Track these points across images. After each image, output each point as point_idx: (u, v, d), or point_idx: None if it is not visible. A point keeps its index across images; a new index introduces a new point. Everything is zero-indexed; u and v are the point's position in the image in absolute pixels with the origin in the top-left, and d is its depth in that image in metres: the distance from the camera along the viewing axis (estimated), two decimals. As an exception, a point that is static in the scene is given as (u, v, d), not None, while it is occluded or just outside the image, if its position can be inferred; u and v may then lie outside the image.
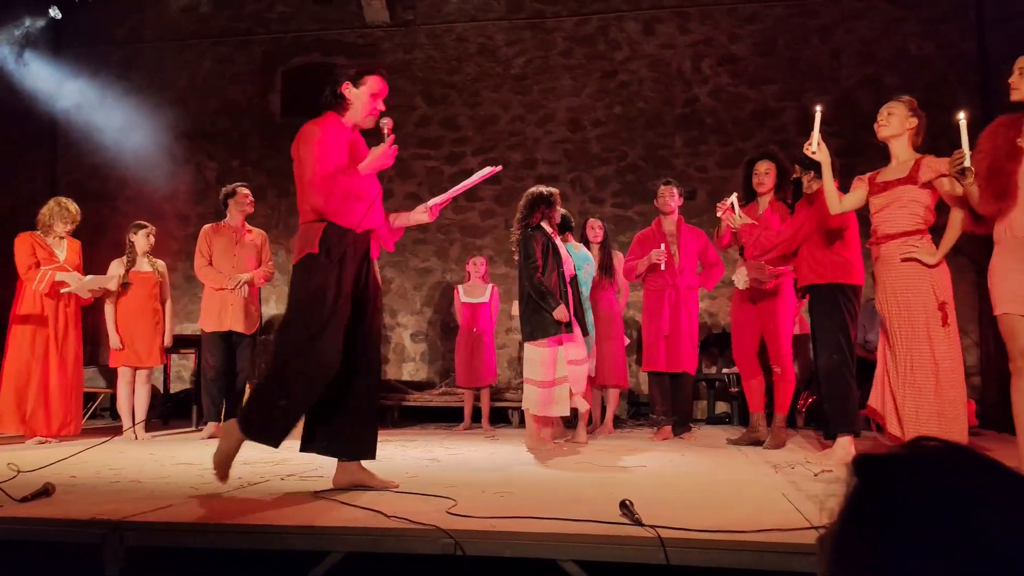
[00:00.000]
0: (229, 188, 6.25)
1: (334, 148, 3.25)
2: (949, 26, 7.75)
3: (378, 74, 3.43)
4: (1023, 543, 0.55)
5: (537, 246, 4.99)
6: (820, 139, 3.86)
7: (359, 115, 3.41)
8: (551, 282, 4.94)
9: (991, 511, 0.57)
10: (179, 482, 3.52)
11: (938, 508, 0.58)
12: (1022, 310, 3.14)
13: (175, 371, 8.40)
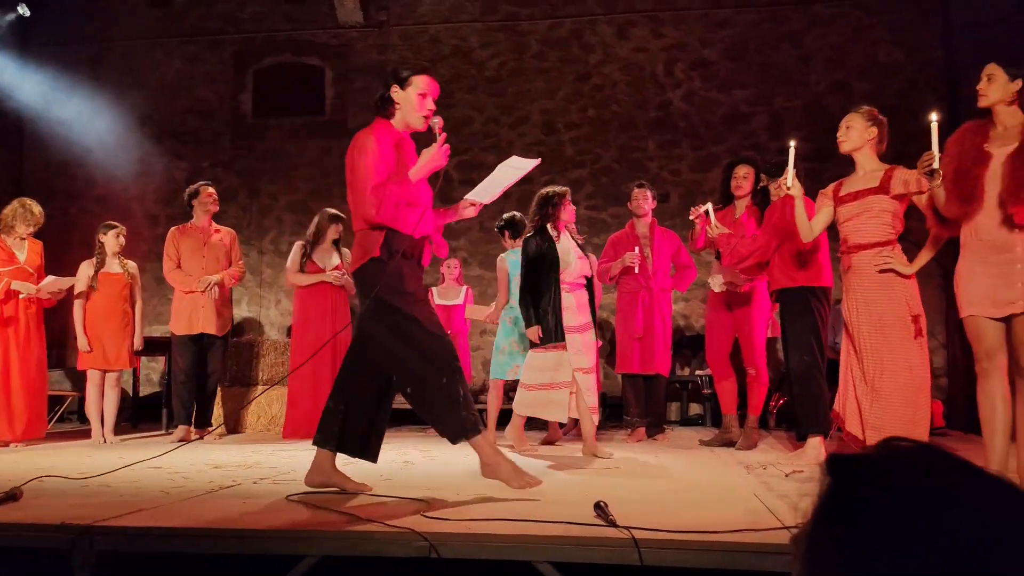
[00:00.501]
0: (192, 188, 6.17)
1: (385, 157, 3.24)
2: (917, 33, 7.88)
3: (426, 73, 3.39)
4: (994, 541, 0.57)
5: (530, 255, 4.87)
6: (794, 175, 3.90)
7: (410, 117, 3.37)
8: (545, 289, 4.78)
9: (963, 510, 0.59)
10: (150, 486, 3.48)
11: (910, 507, 0.59)
12: (987, 312, 3.20)
13: (145, 374, 8.30)
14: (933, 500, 0.59)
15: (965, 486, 0.61)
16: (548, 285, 4.78)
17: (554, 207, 4.91)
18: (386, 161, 3.22)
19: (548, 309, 4.74)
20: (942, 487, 0.60)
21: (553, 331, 4.72)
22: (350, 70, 8.74)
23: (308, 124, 8.77)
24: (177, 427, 5.92)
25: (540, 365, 4.79)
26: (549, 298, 4.76)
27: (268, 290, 8.66)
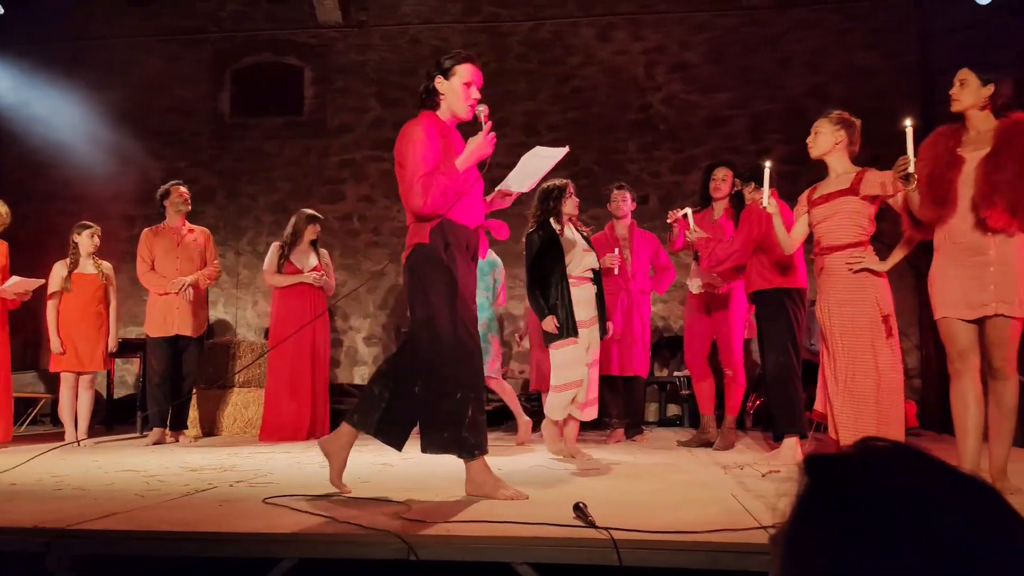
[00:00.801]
0: (163, 188, 6.10)
1: (432, 147, 3.22)
2: (893, 37, 7.96)
3: (468, 62, 3.36)
4: (970, 539, 0.57)
5: (534, 250, 4.78)
6: (771, 194, 3.97)
7: (455, 107, 3.35)
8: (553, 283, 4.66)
9: (939, 509, 0.59)
10: (125, 489, 3.44)
11: (888, 506, 0.60)
12: (960, 314, 3.24)
13: (119, 376, 8.21)
14: (910, 499, 0.60)
15: (941, 485, 0.61)
16: (556, 278, 4.66)
17: (555, 200, 4.85)
18: (433, 151, 3.20)
19: (558, 303, 4.61)
20: (919, 486, 0.61)
21: (565, 325, 4.60)
22: (330, 70, 8.70)
23: (287, 124, 8.72)
24: (152, 429, 5.85)
25: (562, 362, 4.64)
26: (558, 292, 4.64)
27: (245, 291, 8.60)
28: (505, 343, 8.18)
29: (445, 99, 3.34)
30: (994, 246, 3.15)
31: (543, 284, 4.67)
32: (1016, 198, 3.03)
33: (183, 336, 5.90)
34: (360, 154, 8.60)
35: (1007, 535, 0.59)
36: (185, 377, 5.99)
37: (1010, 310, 3.12)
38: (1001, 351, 3.17)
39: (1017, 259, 3.13)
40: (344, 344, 8.42)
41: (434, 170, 3.16)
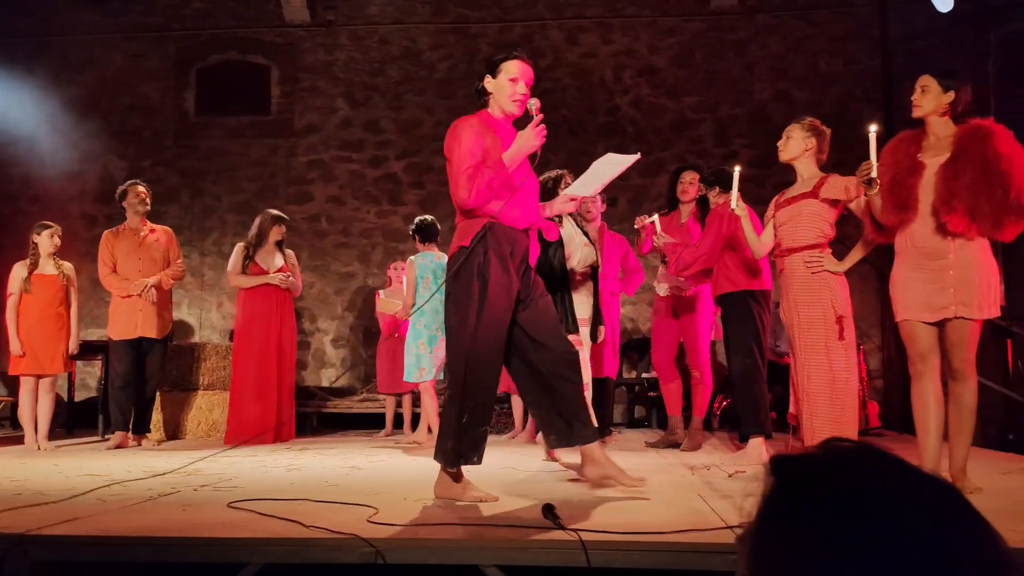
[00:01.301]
0: (121, 189, 5.99)
1: (477, 142, 3.22)
2: (856, 44, 8.10)
3: (514, 58, 3.34)
4: (934, 540, 0.58)
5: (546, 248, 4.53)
6: (739, 197, 4.04)
7: (504, 103, 3.33)
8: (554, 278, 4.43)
9: (903, 509, 0.60)
10: (86, 494, 3.37)
11: (852, 507, 0.61)
12: (921, 316, 3.30)
13: (80, 378, 8.06)
14: (874, 500, 0.61)
15: (905, 486, 0.62)
16: (557, 274, 4.48)
17: (550, 192, 4.50)
18: (479, 146, 3.21)
19: (558, 299, 4.36)
20: (883, 487, 0.62)
21: (564, 322, 4.36)
22: (297, 69, 8.63)
23: (253, 123, 8.63)
24: (114, 433, 5.75)
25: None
26: (557, 288, 4.42)
27: (210, 292, 8.49)
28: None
29: (494, 97, 3.36)
30: (954, 250, 3.21)
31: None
32: (975, 203, 3.09)
33: (147, 338, 5.80)
34: (328, 154, 8.55)
35: (970, 535, 0.61)
36: (148, 380, 5.89)
37: (969, 312, 3.19)
38: (961, 353, 3.23)
39: (976, 263, 3.19)
40: (312, 346, 8.36)
41: (479, 163, 3.18)
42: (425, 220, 5.90)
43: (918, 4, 7.51)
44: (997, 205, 3.06)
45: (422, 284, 5.67)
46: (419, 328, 5.59)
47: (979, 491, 3.18)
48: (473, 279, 3.14)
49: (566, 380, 3.26)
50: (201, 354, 6.76)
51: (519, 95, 3.31)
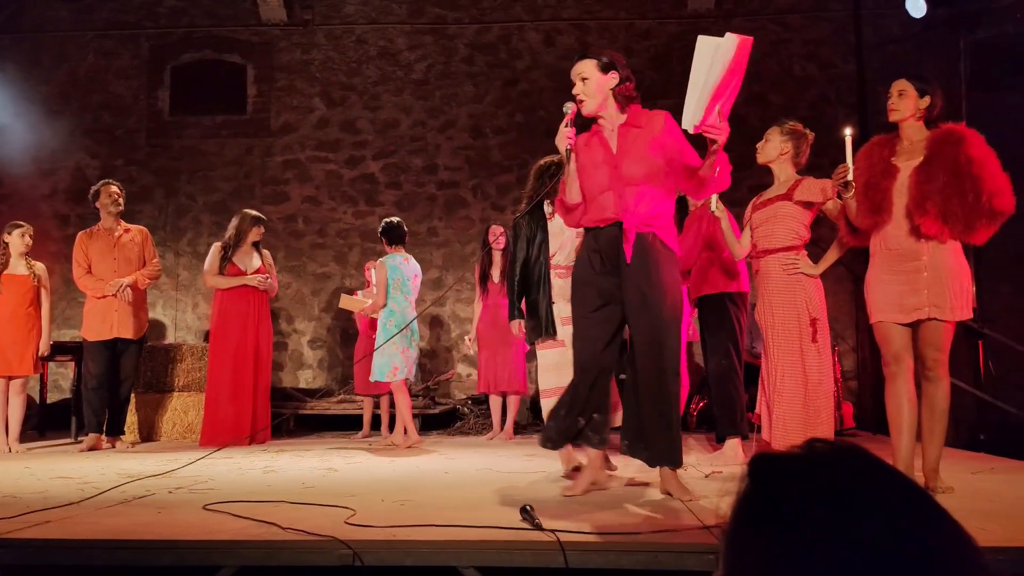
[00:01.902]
0: (94, 189, 5.91)
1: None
2: (830, 48, 8.19)
3: (575, 61, 3.53)
4: (909, 540, 0.59)
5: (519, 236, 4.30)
6: (717, 199, 4.08)
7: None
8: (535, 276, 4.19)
9: (879, 509, 0.61)
10: (58, 496, 3.33)
11: (830, 506, 0.61)
12: (895, 318, 3.34)
13: (52, 380, 7.95)
14: (852, 500, 0.61)
15: (884, 486, 0.63)
16: (537, 271, 4.20)
17: (551, 178, 4.22)
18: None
19: (539, 299, 4.15)
20: (861, 486, 0.62)
21: (544, 323, 4.13)
22: (273, 69, 8.57)
23: (228, 122, 8.56)
24: (87, 435, 5.67)
25: (546, 365, 4.19)
26: (539, 286, 4.17)
27: (185, 293, 8.41)
28: (455, 346, 8.17)
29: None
30: (927, 252, 3.25)
31: (521, 277, 4.23)
32: (947, 207, 3.13)
33: (122, 339, 5.73)
34: (304, 154, 8.50)
35: (943, 536, 0.61)
36: (123, 381, 5.82)
37: (942, 314, 3.23)
38: (934, 354, 3.27)
39: (948, 265, 3.24)
40: (288, 347, 8.30)
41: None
42: (392, 222, 5.88)
43: (892, 10, 7.61)
44: (968, 209, 3.11)
45: (393, 285, 5.67)
46: (390, 328, 5.59)
47: (951, 491, 3.22)
48: (575, 285, 3.38)
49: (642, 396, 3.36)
50: (176, 355, 6.70)
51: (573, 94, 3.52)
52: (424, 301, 8.21)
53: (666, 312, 3.19)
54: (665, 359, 3.18)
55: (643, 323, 3.19)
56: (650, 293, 3.16)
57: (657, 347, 3.17)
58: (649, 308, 3.17)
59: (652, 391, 3.20)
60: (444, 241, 8.30)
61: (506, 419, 6.33)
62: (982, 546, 0.63)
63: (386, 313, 5.65)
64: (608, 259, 3.26)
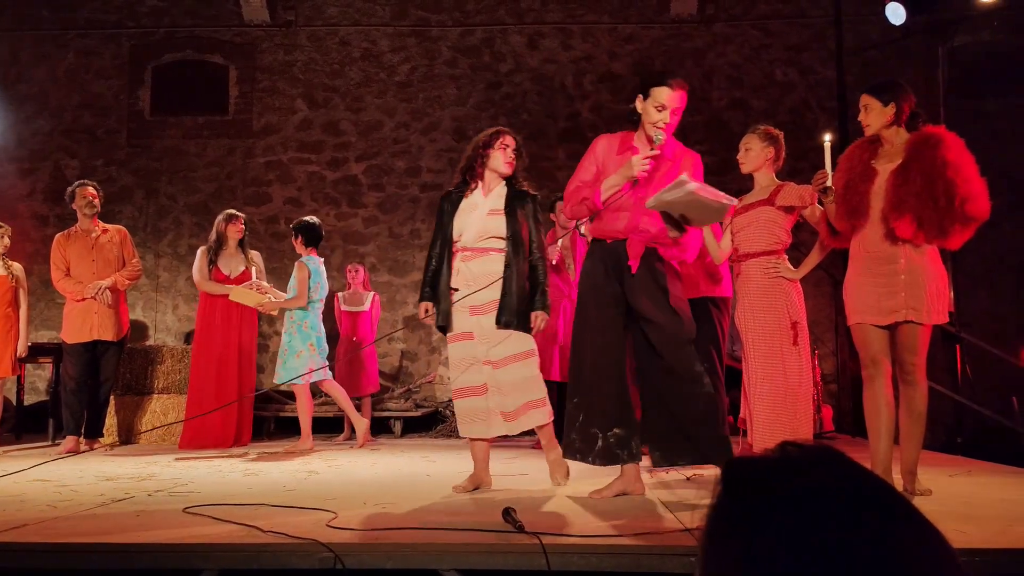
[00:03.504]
0: (69, 191, 5.84)
1: (585, 161, 3.46)
2: (811, 54, 8.26)
3: (666, 85, 3.28)
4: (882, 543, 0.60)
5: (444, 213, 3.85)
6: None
7: (647, 127, 3.32)
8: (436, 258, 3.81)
9: (852, 512, 0.62)
10: (35, 499, 3.30)
11: (802, 510, 0.62)
12: (873, 320, 3.37)
13: (30, 382, 7.86)
14: (825, 502, 0.62)
15: (856, 489, 0.64)
16: (440, 252, 3.81)
17: (480, 150, 3.87)
18: (586, 166, 3.44)
19: (438, 284, 3.77)
20: (832, 491, 0.63)
21: (440, 313, 3.75)
22: (256, 70, 8.53)
23: (210, 123, 8.51)
24: (65, 437, 5.61)
25: (454, 360, 3.80)
26: (439, 269, 3.78)
27: (164, 294, 8.34)
28: (437, 349, 8.15)
29: (642, 119, 3.36)
30: (904, 256, 3.28)
31: (428, 260, 3.85)
32: (922, 211, 3.16)
33: (102, 341, 5.68)
34: (287, 155, 8.46)
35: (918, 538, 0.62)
36: (103, 383, 5.77)
37: (919, 317, 3.26)
38: (911, 357, 3.30)
39: (925, 269, 3.27)
40: (270, 349, 8.25)
41: (579, 184, 3.40)
42: (313, 222, 5.87)
43: (872, 16, 7.69)
44: (941, 213, 3.14)
45: (315, 288, 5.65)
46: (305, 330, 5.58)
47: (929, 493, 3.26)
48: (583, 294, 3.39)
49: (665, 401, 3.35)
50: (156, 357, 6.64)
51: (661, 123, 3.27)
52: (407, 303, 8.20)
53: (679, 309, 3.27)
54: (690, 352, 3.25)
55: (658, 322, 3.23)
56: (659, 294, 3.25)
57: (677, 343, 3.23)
58: (661, 307, 3.24)
59: (692, 389, 3.21)
60: (426, 243, 8.25)
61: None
62: (959, 548, 0.64)
63: (300, 315, 5.62)
64: (613, 269, 3.32)
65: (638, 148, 3.35)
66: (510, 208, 3.76)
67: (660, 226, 3.26)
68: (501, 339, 3.66)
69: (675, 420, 3.24)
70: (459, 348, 3.74)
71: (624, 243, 3.30)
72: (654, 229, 3.26)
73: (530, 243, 3.78)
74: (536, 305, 3.74)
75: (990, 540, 2.40)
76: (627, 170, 3.24)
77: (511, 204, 3.77)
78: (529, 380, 3.69)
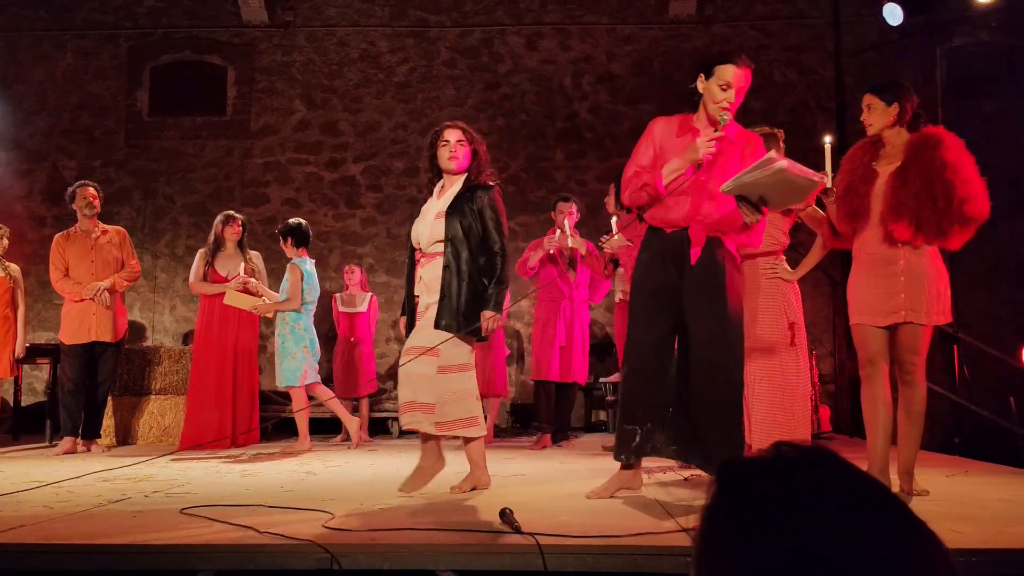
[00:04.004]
0: (70, 191, 5.82)
1: (642, 145, 3.28)
2: (809, 55, 8.27)
3: (730, 62, 3.11)
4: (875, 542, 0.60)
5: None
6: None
7: (709, 107, 3.14)
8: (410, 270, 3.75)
9: (846, 512, 0.61)
10: (32, 501, 3.29)
11: (795, 510, 0.62)
12: (873, 321, 3.37)
13: (27, 383, 7.85)
14: (818, 503, 0.62)
15: (848, 490, 0.64)
16: (409, 260, 3.78)
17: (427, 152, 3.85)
18: (642, 149, 3.26)
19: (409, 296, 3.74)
20: (826, 491, 0.63)
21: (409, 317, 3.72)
22: (254, 70, 8.53)
23: (208, 124, 8.51)
24: (63, 439, 5.60)
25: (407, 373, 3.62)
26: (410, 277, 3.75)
27: (162, 295, 8.34)
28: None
29: (704, 99, 3.17)
30: (903, 257, 3.28)
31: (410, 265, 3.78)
32: (921, 213, 3.16)
33: (100, 342, 5.67)
34: (285, 156, 8.46)
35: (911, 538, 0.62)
36: (100, 384, 5.76)
37: (918, 318, 3.26)
38: (911, 357, 3.30)
39: (925, 270, 3.27)
40: (268, 350, 8.24)
41: (637, 169, 3.21)
42: (300, 224, 5.75)
43: (870, 17, 7.70)
44: (940, 214, 3.14)
45: (307, 290, 5.61)
46: (299, 332, 5.56)
47: (926, 494, 3.26)
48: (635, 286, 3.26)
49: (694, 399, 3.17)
50: (154, 358, 6.63)
51: (724, 101, 3.09)
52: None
53: (730, 309, 3.10)
54: (728, 357, 3.09)
55: (707, 318, 3.08)
56: (715, 291, 3.09)
57: (718, 345, 3.07)
58: (714, 304, 3.08)
59: (713, 390, 3.08)
60: (425, 244, 8.28)
61: (485, 422, 6.32)
62: (956, 549, 0.64)
63: (293, 317, 5.57)
64: (672, 260, 3.14)
65: (699, 131, 3.16)
66: (454, 207, 3.59)
67: (723, 212, 3.09)
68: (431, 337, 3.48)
69: (693, 419, 3.14)
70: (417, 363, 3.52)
71: (684, 231, 3.13)
72: (717, 215, 3.10)
73: (483, 238, 3.57)
74: (487, 303, 3.52)
75: (987, 540, 2.40)
76: (691, 153, 3.06)
77: (457, 203, 3.60)
78: (459, 395, 3.48)
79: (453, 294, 3.49)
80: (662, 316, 3.15)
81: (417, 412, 3.52)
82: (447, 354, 3.47)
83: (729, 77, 3.10)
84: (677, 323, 3.16)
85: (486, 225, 3.58)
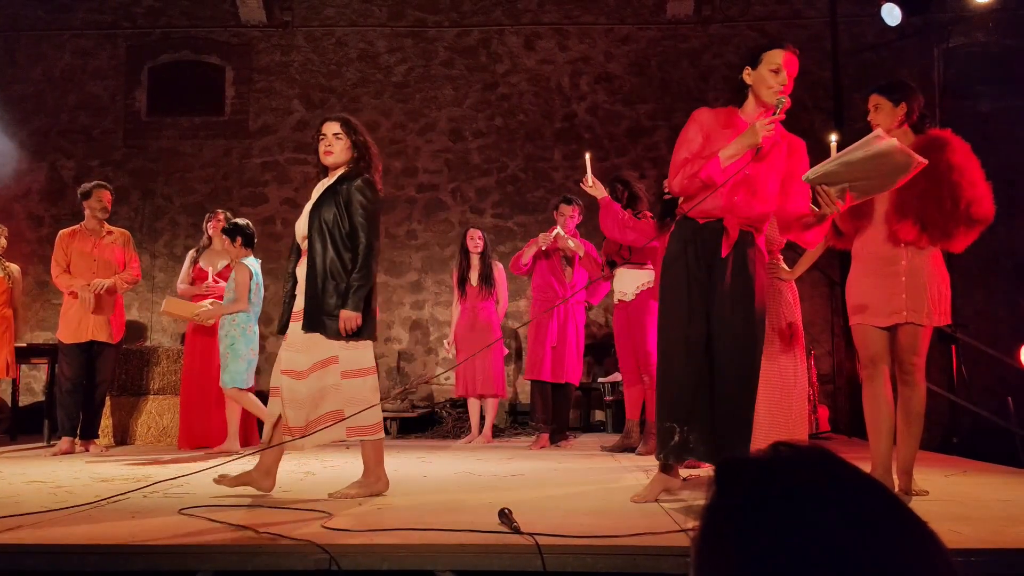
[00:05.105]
0: (86, 188, 5.82)
1: (690, 131, 3.18)
2: (807, 55, 8.20)
3: (779, 47, 3.12)
4: (873, 542, 0.60)
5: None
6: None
7: (762, 94, 3.10)
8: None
9: (843, 512, 0.62)
10: (30, 501, 3.28)
11: (793, 510, 0.62)
12: (874, 321, 3.37)
13: (25, 383, 7.84)
14: (817, 503, 0.62)
15: (845, 490, 0.64)
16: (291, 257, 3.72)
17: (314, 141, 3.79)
18: (690, 138, 3.17)
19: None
20: (823, 491, 0.63)
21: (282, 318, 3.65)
22: (252, 70, 8.52)
23: (206, 124, 8.50)
24: (60, 439, 5.59)
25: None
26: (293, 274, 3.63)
27: (161, 295, 8.30)
28: (434, 350, 8.15)
29: (753, 89, 3.14)
30: (906, 257, 3.28)
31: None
32: (925, 214, 3.17)
33: (98, 342, 5.66)
34: (283, 156, 8.45)
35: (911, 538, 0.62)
36: (99, 384, 5.75)
37: (919, 319, 3.26)
38: (911, 358, 3.30)
39: (927, 271, 3.27)
40: (266, 349, 8.24)
41: (688, 155, 3.11)
42: (246, 223, 5.68)
43: (867, 18, 7.70)
44: (946, 215, 3.14)
45: (255, 290, 5.58)
46: (249, 334, 5.54)
47: (925, 493, 3.26)
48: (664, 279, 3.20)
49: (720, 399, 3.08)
50: (152, 358, 6.63)
51: (778, 85, 3.07)
52: (403, 304, 8.20)
53: (757, 308, 3.07)
54: (754, 356, 3.06)
55: (733, 317, 3.03)
56: (743, 288, 3.04)
57: (739, 346, 3.03)
58: (740, 302, 3.03)
59: (735, 391, 3.03)
60: (423, 244, 8.29)
61: (484, 422, 6.33)
62: (955, 548, 0.64)
63: (244, 318, 5.51)
64: (703, 252, 3.08)
65: (744, 124, 3.11)
66: (320, 201, 3.48)
67: (763, 209, 3.07)
68: (306, 347, 3.34)
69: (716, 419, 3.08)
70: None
71: (718, 223, 3.07)
72: (758, 211, 3.07)
73: (350, 232, 3.41)
74: (345, 301, 3.31)
75: (986, 540, 2.40)
76: (750, 137, 2.99)
77: (323, 196, 3.49)
78: (327, 390, 3.31)
79: (318, 293, 3.33)
80: (696, 311, 3.08)
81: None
82: (347, 358, 3.33)
83: (780, 60, 3.11)
84: (707, 316, 3.09)
85: (352, 218, 3.40)
